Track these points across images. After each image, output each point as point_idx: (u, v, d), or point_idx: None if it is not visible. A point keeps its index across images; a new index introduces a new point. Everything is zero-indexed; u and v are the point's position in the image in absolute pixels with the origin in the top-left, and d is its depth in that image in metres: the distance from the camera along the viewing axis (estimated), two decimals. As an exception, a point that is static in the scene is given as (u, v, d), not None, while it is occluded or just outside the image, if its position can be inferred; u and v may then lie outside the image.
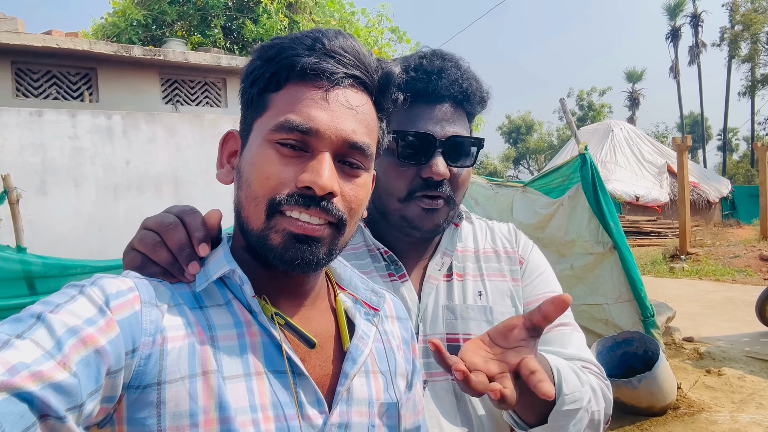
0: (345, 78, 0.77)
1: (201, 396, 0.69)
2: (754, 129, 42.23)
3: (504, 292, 1.18)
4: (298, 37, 0.77)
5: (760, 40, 34.08)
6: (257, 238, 0.76)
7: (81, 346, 0.62)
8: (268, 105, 0.78)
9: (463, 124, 1.15)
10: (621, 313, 4.91)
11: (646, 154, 22.85)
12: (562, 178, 5.22)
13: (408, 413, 0.90)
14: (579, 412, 0.98)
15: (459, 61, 1.17)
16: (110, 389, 0.65)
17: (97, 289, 0.69)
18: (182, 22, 9.09)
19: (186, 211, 0.85)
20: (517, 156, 53.79)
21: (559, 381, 0.98)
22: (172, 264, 0.79)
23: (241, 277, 0.77)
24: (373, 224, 1.21)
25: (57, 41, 5.96)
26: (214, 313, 0.76)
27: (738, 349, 6.44)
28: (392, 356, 0.92)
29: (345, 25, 9.47)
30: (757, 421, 4.56)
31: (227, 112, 7.22)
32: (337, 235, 0.78)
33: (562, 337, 1.14)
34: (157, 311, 0.72)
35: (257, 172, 0.76)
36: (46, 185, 5.37)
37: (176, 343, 0.71)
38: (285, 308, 0.81)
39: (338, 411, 0.78)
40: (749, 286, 10.34)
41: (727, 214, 23.67)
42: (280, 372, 0.76)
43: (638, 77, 52.62)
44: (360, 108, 0.78)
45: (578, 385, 1.00)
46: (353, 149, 0.77)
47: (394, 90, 0.84)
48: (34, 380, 0.56)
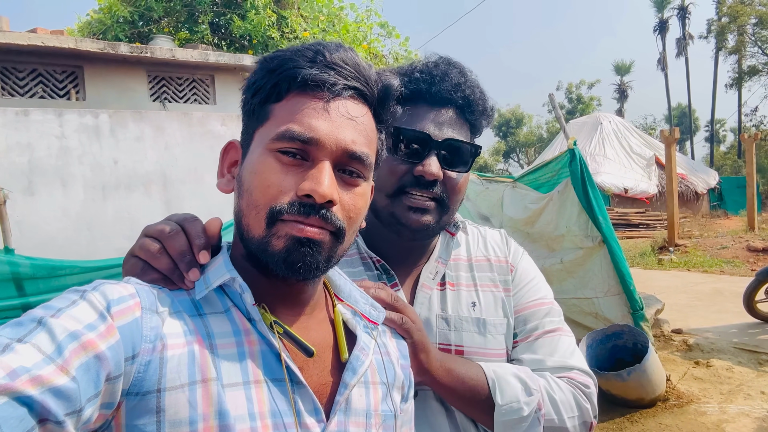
0: (345, 89, 0.78)
1: (200, 403, 0.70)
2: (741, 120, 42.52)
3: (496, 302, 1.19)
4: (300, 50, 0.79)
5: (746, 32, 34.26)
6: (258, 245, 0.77)
7: (81, 351, 0.62)
8: (269, 115, 0.79)
9: (462, 132, 1.15)
10: (610, 306, 4.96)
11: (634, 147, 22.99)
12: (552, 173, 5.25)
13: (404, 425, 0.91)
14: (524, 421, 1.02)
15: (465, 70, 1.18)
16: (109, 395, 0.65)
17: (98, 295, 0.69)
18: (169, 18, 9.00)
19: (187, 219, 0.86)
20: (507, 149, 53.91)
21: (493, 392, 1.02)
22: (172, 271, 0.79)
23: (241, 285, 0.78)
24: (369, 230, 1.19)
25: (42, 39, 5.89)
26: (213, 321, 0.77)
27: (726, 341, 6.52)
28: (391, 368, 0.93)
29: (333, 21, 9.42)
30: (745, 411, 4.62)
31: (216, 109, 7.17)
32: (336, 244, 0.78)
33: (550, 343, 1.15)
34: (158, 318, 0.72)
35: (258, 180, 0.77)
36: (34, 185, 5.32)
37: (176, 351, 0.71)
38: (284, 317, 0.82)
39: (336, 420, 0.79)
40: (737, 278, 10.45)
41: (714, 205, 23.91)
42: (279, 380, 0.76)
43: (626, 70, 52.86)
44: (360, 119, 0.79)
45: (517, 396, 1.03)
46: (353, 159, 0.78)
47: (392, 103, 0.86)
48: (34, 384, 0.56)
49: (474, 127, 1.19)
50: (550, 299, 1.23)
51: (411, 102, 1.12)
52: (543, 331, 1.16)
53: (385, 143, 0.89)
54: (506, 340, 1.17)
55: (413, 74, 1.14)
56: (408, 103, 1.12)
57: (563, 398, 1.07)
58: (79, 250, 5.22)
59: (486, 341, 1.14)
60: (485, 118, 1.20)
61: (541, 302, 1.21)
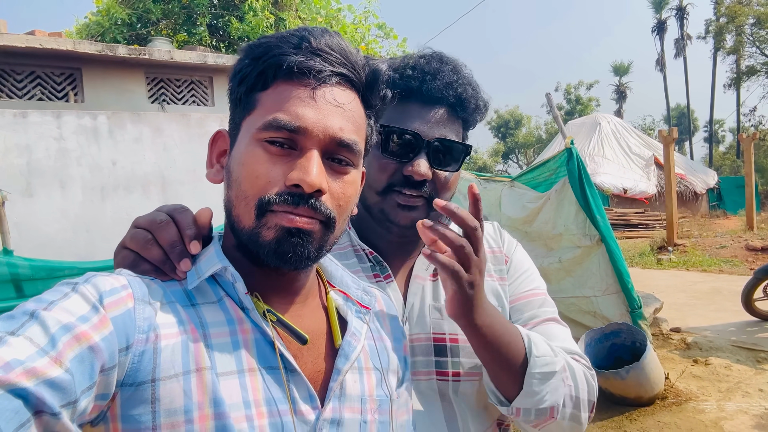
0: (332, 76, 0.77)
1: (195, 392, 0.70)
2: (739, 120, 42.58)
3: (492, 291, 1.18)
4: (285, 36, 0.78)
5: (744, 32, 34.33)
6: (248, 236, 0.76)
7: (75, 342, 0.62)
8: (255, 104, 0.78)
9: (454, 130, 1.14)
10: (609, 305, 4.97)
11: (633, 147, 23.01)
12: (549, 172, 5.26)
13: (400, 409, 0.91)
14: (553, 378, 1.00)
15: (458, 66, 1.16)
16: (104, 386, 0.65)
17: (90, 287, 0.69)
18: (167, 20, 9.02)
19: (177, 209, 0.85)
20: (506, 150, 53.93)
21: (529, 345, 1.01)
22: (163, 261, 0.79)
23: (233, 275, 0.78)
24: (361, 223, 1.20)
25: (40, 41, 5.90)
26: (206, 311, 0.77)
27: (724, 339, 6.52)
28: (385, 353, 0.93)
29: (331, 22, 9.44)
30: (743, 409, 4.62)
31: (214, 111, 7.18)
32: (327, 233, 0.78)
33: (547, 331, 1.15)
34: (150, 309, 0.72)
35: (246, 171, 0.76)
36: (32, 187, 5.33)
37: (169, 341, 0.71)
38: (277, 305, 0.82)
39: (331, 407, 0.79)
40: (735, 276, 10.46)
41: (713, 205, 23.92)
42: (273, 368, 0.76)
43: (625, 70, 52.96)
44: (347, 105, 0.79)
45: (549, 352, 1.02)
46: (341, 147, 0.77)
47: (382, 87, 0.84)
48: (28, 377, 0.56)
49: (466, 123, 1.19)
50: (543, 290, 1.23)
51: (402, 99, 1.11)
52: (541, 319, 1.17)
53: (375, 128, 0.88)
54: None
55: (405, 71, 1.13)
56: (399, 100, 1.10)
57: (578, 370, 1.08)
58: (78, 252, 5.23)
59: None
60: (478, 114, 1.19)
61: (536, 292, 1.21)
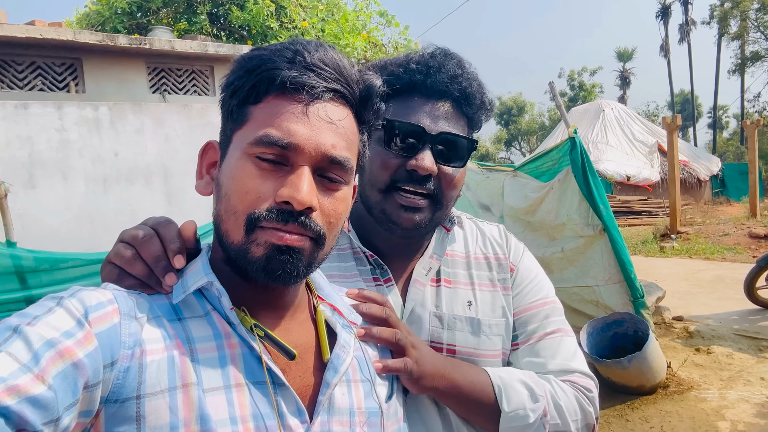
0: (325, 92, 0.76)
1: (181, 409, 0.69)
2: (743, 106, 42.30)
3: (494, 303, 1.16)
4: (279, 49, 0.76)
5: (749, 17, 33.99)
6: (237, 251, 0.75)
7: (58, 359, 0.61)
8: (247, 117, 0.77)
9: (459, 126, 1.12)
10: (611, 294, 4.97)
11: (636, 134, 22.91)
12: (552, 161, 5.24)
13: (390, 420, 0.90)
14: (531, 427, 1.02)
15: (462, 62, 1.14)
16: (88, 403, 0.64)
17: (75, 301, 0.68)
18: (167, 9, 8.96)
19: (161, 223, 0.84)
20: (509, 138, 53.77)
21: (500, 396, 1.02)
22: (149, 276, 0.79)
23: (218, 290, 0.77)
24: (361, 223, 1.17)
25: (40, 31, 5.87)
26: (193, 325, 0.76)
27: (727, 327, 6.53)
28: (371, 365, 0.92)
29: (332, 10, 9.35)
30: (744, 397, 4.64)
31: (215, 101, 7.14)
32: (317, 249, 0.77)
33: (552, 346, 1.13)
34: (137, 324, 0.71)
35: (236, 186, 0.75)
36: (35, 179, 5.32)
37: (155, 356, 0.70)
38: (265, 320, 0.81)
39: (319, 421, 0.78)
40: (738, 264, 10.46)
41: (717, 192, 23.84)
42: (261, 383, 0.75)
43: (629, 56, 52.52)
44: (340, 122, 0.77)
45: (523, 403, 1.02)
46: (333, 164, 0.76)
47: (376, 101, 0.83)
48: (10, 394, 0.55)
49: (472, 121, 1.15)
50: (551, 298, 1.20)
51: (406, 94, 1.09)
52: (544, 332, 1.14)
53: (367, 144, 0.87)
54: (503, 341, 1.14)
55: (409, 65, 1.11)
56: (403, 95, 1.09)
57: (567, 403, 1.06)
58: (81, 243, 5.23)
59: (479, 342, 1.11)
60: (484, 113, 1.16)
61: (542, 302, 1.18)
